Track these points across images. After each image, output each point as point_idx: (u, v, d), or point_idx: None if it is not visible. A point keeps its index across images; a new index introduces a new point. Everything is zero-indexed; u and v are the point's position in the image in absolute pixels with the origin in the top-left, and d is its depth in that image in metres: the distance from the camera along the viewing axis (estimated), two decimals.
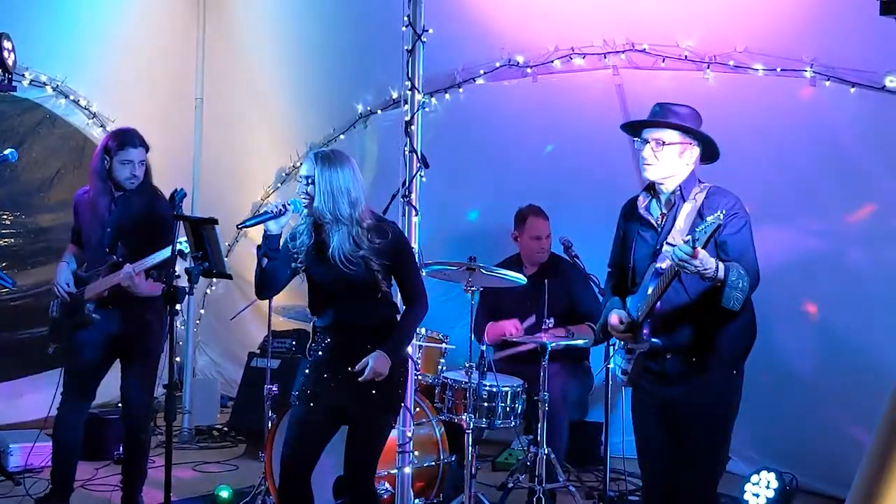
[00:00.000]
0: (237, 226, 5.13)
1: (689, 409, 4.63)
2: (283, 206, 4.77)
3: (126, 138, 6.00)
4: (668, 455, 4.76)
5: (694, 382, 4.62)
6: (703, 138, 4.69)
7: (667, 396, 4.69)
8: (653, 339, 4.63)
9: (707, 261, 4.26)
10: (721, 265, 4.34)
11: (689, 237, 4.23)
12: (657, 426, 4.76)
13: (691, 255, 4.19)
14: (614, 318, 4.79)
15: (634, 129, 4.83)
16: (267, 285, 4.97)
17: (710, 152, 4.75)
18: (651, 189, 4.81)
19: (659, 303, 4.57)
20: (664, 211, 4.73)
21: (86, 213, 6.09)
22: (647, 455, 4.85)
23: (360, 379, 4.74)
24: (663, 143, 4.64)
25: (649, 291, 4.59)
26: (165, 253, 5.43)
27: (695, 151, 4.69)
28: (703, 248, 4.21)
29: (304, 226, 4.89)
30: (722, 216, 4.19)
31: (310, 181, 4.76)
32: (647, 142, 4.68)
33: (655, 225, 4.74)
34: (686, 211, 4.62)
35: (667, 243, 4.56)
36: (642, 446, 4.88)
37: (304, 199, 4.78)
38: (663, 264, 4.51)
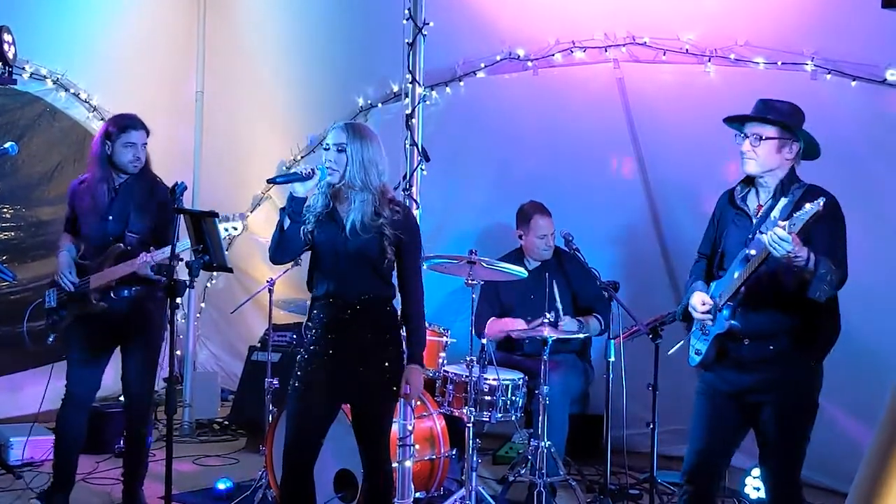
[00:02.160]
0: (267, 180, 5.09)
1: (766, 398, 4.68)
2: (312, 170, 4.75)
3: (128, 121, 6.00)
4: (728, 438, 4.83)
5: (773, 371, 4.65)
6: (803, 136, 4.72)
7: (743, 383, 4.72)
8: (732, 322, 4.65)
9: (800, 248, 4.29)
10: (812, 255, 4.36)
11: (786, 221, 4.27)
12: (726, 409, 4.79)
13: (787, 240, 4.23)
14: (697, 298, 4.82)
15: (739, 122, 4.86)
16: (284, 249, 4.91)
17: (810, 149, 4.78)
18: (748, 181, 4.85)
19: (743, 288, 4.59)
20: (761, 203, 4.76)
21: (84, 202, 6.05)
22: (711, 429, 4.85)
23: (408, 399, 4.95)
24: (761, 137, 4.70)
25: (735, 276, 4.61)
26: (185, 244, 5.41)
27: (794, 147, 4.74)
28: (798, 234, 4.24)
29: (320, 192, 4.87)
30: (822, 203, 4.21)
31: (341, 149, 4.76)
32: (746, 136, 4.74)
33: (751, 215, 4.77)
34: (782, 204, 4.65)
35: (761, 232, 4.57)
36: (703, 423, 4.89)
37: (335, 166, 4.77)
38: (753, 251, 4.53)
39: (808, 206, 4.24)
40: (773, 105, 4.78)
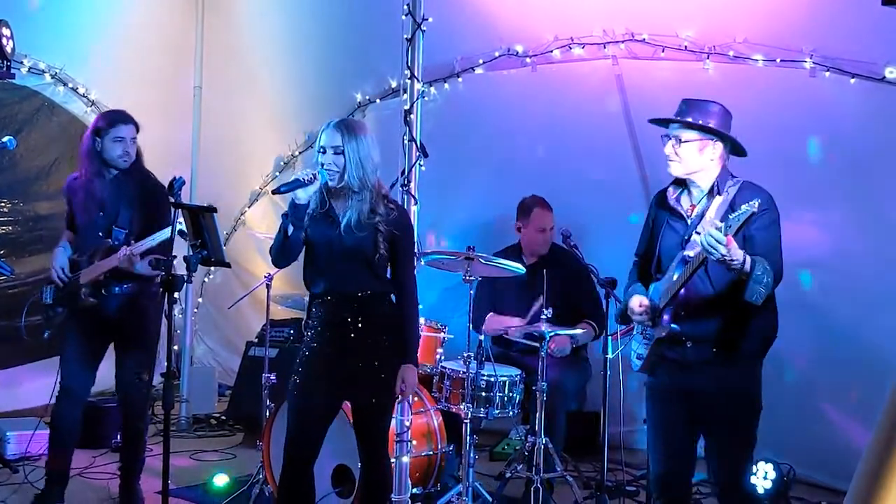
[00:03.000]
0: (272, 191, 5.12)
1: (711, 400, 4.64)
2: (313, 175, 4.76)
3: (116, 116, 6.02)
4: (686, 441, 4.79)
5: (714, 373, 4.61)
6: (722, 135, 4.69)
7: (687, 385, 4.69)
8: (672, 325, 4.63)
9: (735, 250, 4.26)
10: (748, 258, 4.34)
11: (722, 223, 4.24)
12: (677, 412, 4.75)
13: (722, 243, 4.20)
14: (635, 301, 4.80)
15: (664, 124, 4.84)
16: (288, 254, 4.93)
17: (738, 147, 4.76)
18: (681, 182, 4.82)
19: (683, 290, 4.58)
20: (694, 203, 4.74)
21: (80, 197, 6.06)
22: (664, 439, 4.83)
23: (401, 397, 4.89)
24: (681, 140, 4.67)
25: (674, 278, 4.59)
26: (164, 234, 5.42)
27: (717, 147, 4.69)
28: (734, 236, 4.23)
29: (316, 191, 4.88)
30: (757, 205, 4.20)
31: (338, 151, 4.77)
32: (669, 138, 4.72)
33: (685, 216, 4.75)
34: (717, 203, 4.62)
35: (697, 233, 4.56)
36: (658, 431, 4.87)
37: (334, 168, 4.78)
38: (691, 252, 4.52)
39: (743, 207, 4.22)
40: (695, 105, 4.73)
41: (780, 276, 4.57)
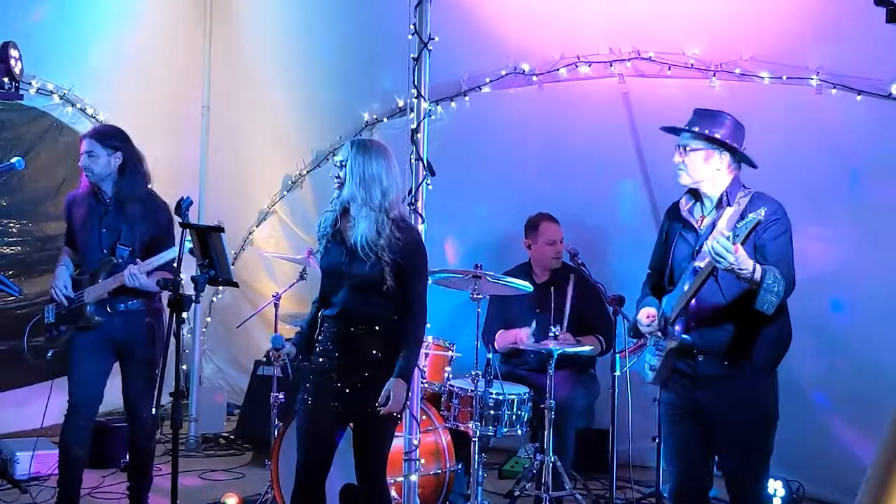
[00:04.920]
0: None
1: (724, 418, 4.65)
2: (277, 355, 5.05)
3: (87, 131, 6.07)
4: (700, 457, 4.80)
5: (726, 388, 4.63)
6: (727, 146, 4.71)
7: (699, 399, 4.70)
8: (683, 336, 4.64)
9: (744, 259, 4.28)
10: (758, 267, 4.35)
11: (730, 232, 4.26)
12: (690, 430, 4.77)
13: (731, 252, 4.21)
14: (643, 313, 4.83)
15: (675, 133, 4.90)
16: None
17: (747, 159, 4.78)
18: (694, 193, 4.85)
19: (693, 301, 4.59)
20: (705, 214, 4.77)
21: (79, 214, 6.10)
22: (680, 454, 4.85)
23: (382, 411, 4.75)
24: (688, 149, 4.71)
25: (685, 289, 4.61)
26: (171, 253, 5.43)
27: (724, 157, 4.72)
28: (742, 244, 4.23)
29: (331, 208, 4.91)
30: (763, 213, 4.21)
31: (342, 164, 4.82)
32: (678, 147, 4.76)
33: (697, 227, 4.77)
34: (728, 214, 4.64)
35: (706, 243, 4.58)
36: (673, 448, 4.89)
37: (336, 181, 4.83)
38: (701, 263, 4.53)
39: (750, 215, 4.24)
40: (706, 116, 4.78)
41: (793, 285, 4.58)
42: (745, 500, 4.75)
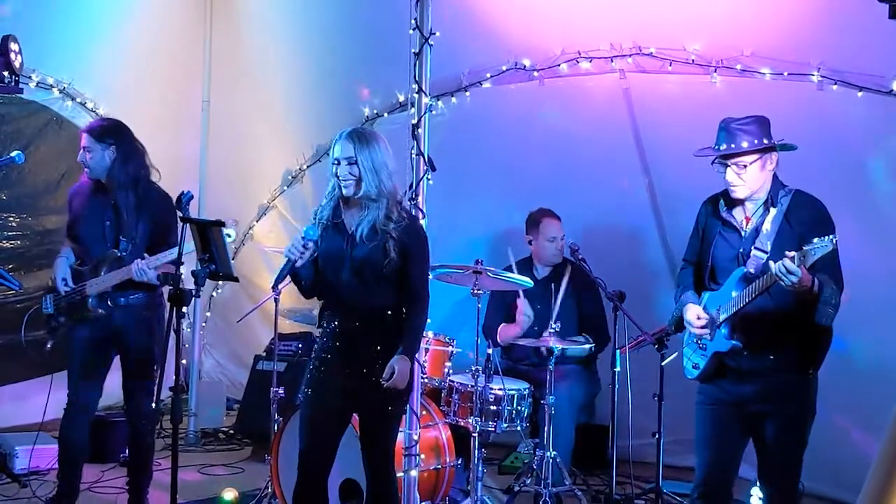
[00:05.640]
0: (271, 287, 5.19)
1: (767, 408, 4.69)
2: (304, 245, 4.77)
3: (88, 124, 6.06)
4: (736, 452, 4.85)
5: (771, 380, 4.67)
6: (779, 145, 4.73)
7: (743, 393, 4.74)
8: (734, 342, 4.66)
9: (807, 277, 4.31)
10: (816, 281, 4.38)
11: (795, 254, 4.26)
12: (730, 423, 4.80)
13: (796, 274, 4.23)
14: (692, 313, 4.84)
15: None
16: (311, 291, 5.02)
17: (789, 146, 4.82)
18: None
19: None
20: (749, 215, 4.77)
21: (81, 207, 6.10)
22: (714, 445, 4.87)
23: (386, 385, 4.73)
24: (745, 165, 4.67)
25: (734, 294, 4.63)
26: (185, 248, 5.41)
27: (774, 157, 4.75)
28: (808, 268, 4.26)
29: (329, 201, 4.89)
30: (834, 242, 4.22)
31: (351, 162, 4.76)
32: (727, 165, 4.71)
33: (739, 228, 4.77)
34: (772, 215, 4.67)
35: (756, 248, 4.62)
36: (708, 436, 4.89)
37: (350, 179, 4.77)
38: (751, 268, 4.59)
39: (816, 241, 4.23)
40: (742, 128, 4.71)
41: (843, 287, 4.62)
42: (780, 491, 4.80)
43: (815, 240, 4.25)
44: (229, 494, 6.65)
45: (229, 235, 5.63)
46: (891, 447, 2.47)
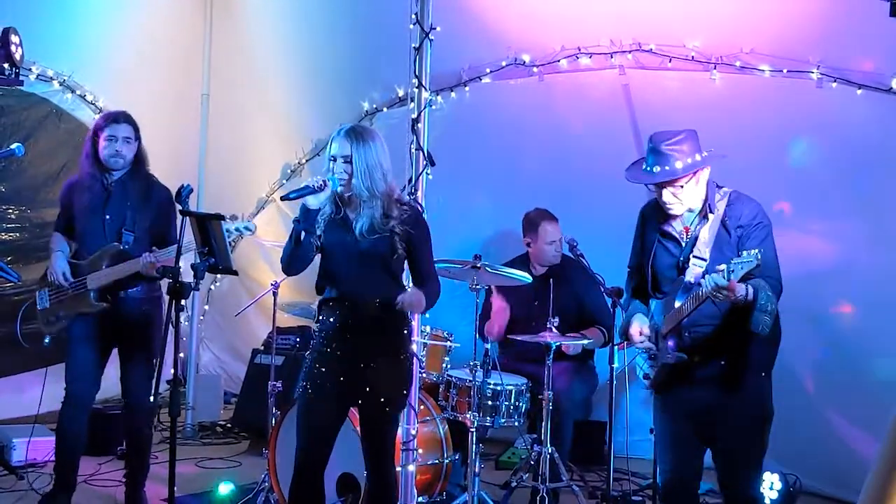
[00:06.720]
0: (280, 198, 5.07)
1: (721, 414, 4.65)
2: (324, 181, 4.72)
3: (112, 114, 6.04)
4: (694, 452, 4.80)
5: (723, 387, 4.63)
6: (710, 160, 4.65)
7: (696, 399, 4.70)
8: (679, 354, 4.64)
9: (739, 288, 4.28)
10: (750, 289, 4.34)
11: (725, 267, 4.23)
12: (685, 427, 4.76)
13: (726, 287, 4.21)
14: (635, 328, 4.82)
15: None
16: (300, 260, 4.90)
17: (718, 157, 4.72)
18: None
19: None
20: (687, 225, 4.73)
21: (80, 200, 6.06)
22: (673, 450, 4.84)
23: (399, 305, 4.74)
24: (682, 185, 4.60)
25: (677, 305, 4.60)
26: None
27: (707, 170, 4.65)
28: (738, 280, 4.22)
29: (328, 198, 4.87)
30: (759, 255, 4.17)
31: (347, 160, 4.75)
32: (661, 188, 4.64)
33: (678, 238, 4.74)
34: (710, 223, 4.63)
35: (694, 257, 4.59)
36: (666, 443, 4.88)
37: (344, 177, 4.76)
38: (691, 278, 4.55)
39: (749, 254, 4.20)
40: (673, 149, 4.58)
41: (781, 290, 4.58)
42: (737, 497, 4.75)
43: (744, 253, 4.22)
44: (226, 488, 6.65)
45: (248, 229, 5.63)
46: (891, 447, 2.48)
